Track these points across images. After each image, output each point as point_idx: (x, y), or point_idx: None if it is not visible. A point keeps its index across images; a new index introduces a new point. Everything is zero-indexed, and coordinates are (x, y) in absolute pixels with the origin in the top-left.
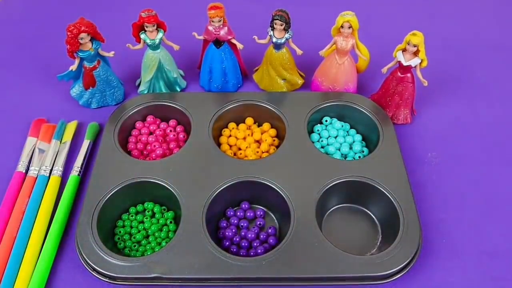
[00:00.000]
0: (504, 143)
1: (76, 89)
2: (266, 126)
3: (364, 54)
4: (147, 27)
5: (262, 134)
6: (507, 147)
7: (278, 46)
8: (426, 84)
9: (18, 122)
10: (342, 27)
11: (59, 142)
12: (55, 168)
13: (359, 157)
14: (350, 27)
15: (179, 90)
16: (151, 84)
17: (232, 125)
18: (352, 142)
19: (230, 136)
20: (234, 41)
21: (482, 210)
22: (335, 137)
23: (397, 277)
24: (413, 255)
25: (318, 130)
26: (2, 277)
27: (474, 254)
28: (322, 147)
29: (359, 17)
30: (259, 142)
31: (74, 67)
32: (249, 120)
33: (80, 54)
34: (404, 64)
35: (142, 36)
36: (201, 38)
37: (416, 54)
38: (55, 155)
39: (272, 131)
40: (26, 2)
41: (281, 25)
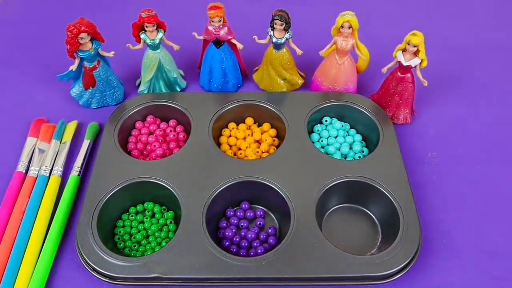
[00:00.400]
0: (504, 143)
1: (76, 89)
2: (266, 126)
3: (364, 54)
4: (147, 27)
5: (262, 134)
6: (507, 147)
7: (278, 46)
8: (426, 84)
9: (18, 122)
10: (342, 27)
11: (59, 142)
12: (55, 168)
13: (359, 157)
14: (350, 27)
15: (179, 90)
16: (151, 84)
17: (232, 125)
18: (352, 142)
19: (230, 136)
20: (234, 41)
21: (482, 210)
22: (335, 137)
23: (397, 277)
24: (413, 255)
25: (318, 130)
26: (2, 277)
27: (474, 254)
28: (322, 147)
29: (359, 17)
30: (259, 142)
31: (74, 67)
32: (249, 120)
33: (80, 54)
34: (404, 64)
35: (142, 36)
36: (201, 38)
37: (416, 54)
38: (55, 155)
39: (272, 131)
40: (26, 2)
41: (281, 25)
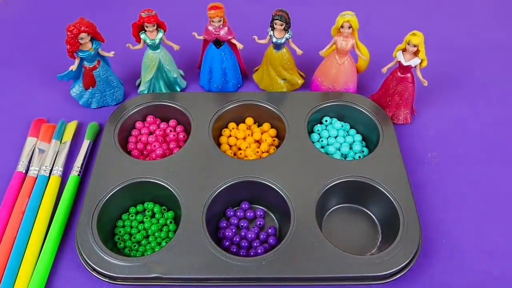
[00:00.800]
0: (504, 143)
1: (76, 89)
2: (266, 126)
3: (364, 54)
4: (147, 27)
5: (262, 134)
6: (507, 147)
7: (278, 46)
8: (426, 84)
9: (18, 122)
10: (342, 27)
11: (59, 142)
12: (55, 168)
13: (359, 157)
14: (350, 27)
15: (179, 90)
16: (151, 84)
17: (232, 125)
18: (352, 142)
19: (230, 136)
20: (234, 41)
21: (482, 210)
22: (335, 137)
23: (397, 277)
24: (413, 255)
25: (318, 130)
26: (2, 277)
27: (474, 254)
28: (322, 147)
29: (359, 17)
30: (259, 142)
31: (74, 67)
32: (249, 120)
33: (80, 54)
34: (404, 64)
35: (142, 36)
36: (201, 38)
37: (416, 54)
38: (55, 155)
39: (272, 131)
40: (26, 2)
41: (281, 25)
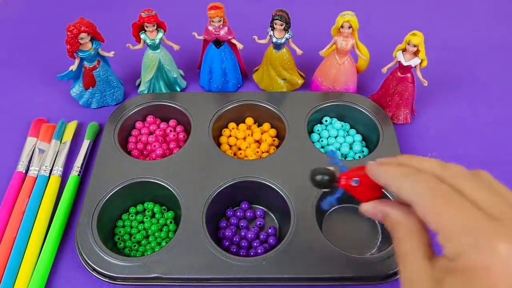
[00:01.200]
0: (504, 143)
1: (76, 89)
2: (266, 126)
3: (364, 54)
4: (147, 27)
5: (262, 134)
6: (507, 147)
7: (278, 46)
8: (426, 84)
9: (18, 122)
10: (342, 27)
11: (59, 142)
12: (55, 168)
13: (359, 157)
14: (350, 27)
15: (179, 90)
16: (151, 84)
17: (232, 125)
18: (352, 142)
19: (230, 136)
20: (234, 41)
21: None
22: (335, 137)
23: (397, 277)
24: None
25: (318, 130)
26: (2, 277)
27: None
28: (322, 147)
29: (359, 17)
30: (259, 142)
31: (74, 67)
32: (249, 120)
33: (80, 54)
34: (404, 64)
35: (142, 36)
36: (201, 38)
37: (416, 54)
38: (55, 155)
39: (272, 131)
40: (26, 2)
41: (281, 25)
